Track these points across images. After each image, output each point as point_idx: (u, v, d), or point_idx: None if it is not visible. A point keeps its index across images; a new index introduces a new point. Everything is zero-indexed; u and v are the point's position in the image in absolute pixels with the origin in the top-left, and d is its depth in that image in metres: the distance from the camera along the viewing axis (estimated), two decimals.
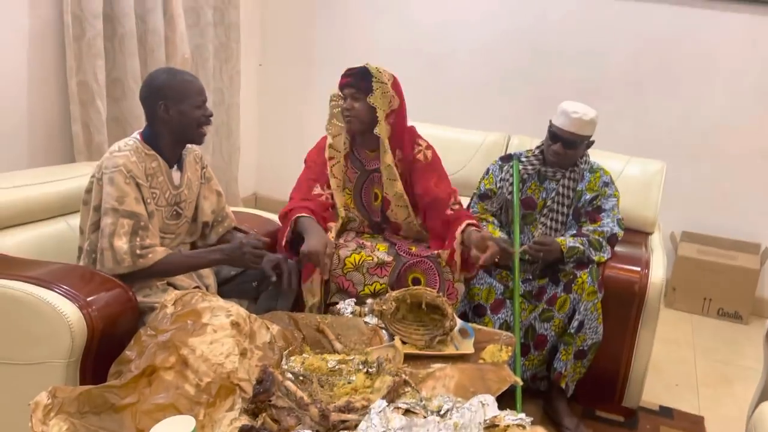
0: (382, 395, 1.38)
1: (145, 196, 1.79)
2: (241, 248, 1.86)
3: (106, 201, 1.73)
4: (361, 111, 2.15)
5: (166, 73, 1.85)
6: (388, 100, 2.16)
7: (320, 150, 2.30)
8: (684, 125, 3.46)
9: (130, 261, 1.72)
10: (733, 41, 3.30)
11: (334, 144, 2.27)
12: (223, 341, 1.45)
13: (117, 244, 1.71)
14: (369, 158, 2.28)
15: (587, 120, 2.25)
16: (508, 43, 3.67)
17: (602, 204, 2.37)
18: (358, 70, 2.17)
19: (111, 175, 1.73)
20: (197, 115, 1.85)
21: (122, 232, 1.71)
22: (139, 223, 1.75)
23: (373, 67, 2.17)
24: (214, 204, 2.10)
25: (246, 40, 3.75)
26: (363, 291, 2.09)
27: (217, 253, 1.90)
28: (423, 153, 2.28)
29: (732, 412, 2.50)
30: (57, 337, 1.54)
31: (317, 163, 2.28)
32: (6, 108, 2.38)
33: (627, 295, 2.24)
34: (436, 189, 2.24)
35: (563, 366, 2.23)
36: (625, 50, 3.47)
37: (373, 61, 2.23)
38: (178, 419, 1.22)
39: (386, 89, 2.15)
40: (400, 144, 2.23)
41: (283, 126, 4.33)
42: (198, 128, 1.87)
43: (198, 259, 1.90)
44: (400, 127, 2.22)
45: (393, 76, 2.21)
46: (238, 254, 1.87)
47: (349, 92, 2.17)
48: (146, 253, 1.75)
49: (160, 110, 1.80)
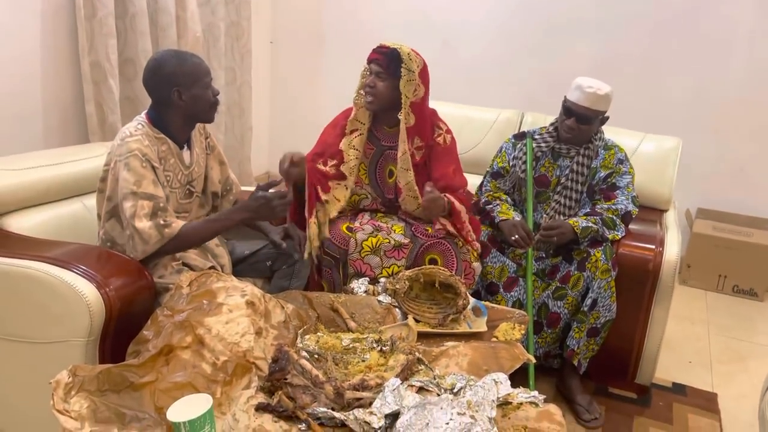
0: (395, 373, 1.39)
1: (160, 179, 1.79)
2: (268, 203, 1.82)
3: (124, 187, 1.72)
4: (383, 90, 2.13)
5: (174, 58, 1.80)
6: (413, 89, 2.12)
7: (335, 125, 2.29)
8: (700, 101, 3.41)
9: (157, 234, 1.72)
10: (750, 14, 3.23)
11: (358, 116, 2.25)
12: (239, 320, 1.47)
13: (140, 226, 1.70)
14: (387, 134, 2.26)
15: (602, 95, 2.22)
16: (521, 18, 3.62)
17: (617, 181, 2.35)
18: (389, 51, 2.11)
19: (126, 161, 1.73)
20: (208, 95, 1.84)
21: (143, 214, 1.71)
22: (158, 204, 1.74)
23: (405, 51, 2.11)
24: (219, 173, 2.10)
25: (257, 17, 3.73)
26: (380, 274, 2.09)
27: (243, 212, 1.86)
28: (443, 137, 2.26)
29: (745, 389, 2.50)
30: (76, 316, 1.56)
31: (327, 142, 2.27)
32: (20, 90, 2.39)
33: (641, 273, 2.23)
34: (453, 177, 2.24)
35: (576, 344, 2.23)
36: (640, 25, 3.41)
37: (383, 37, 2.20)
38: (196, 397, 1.24)
39: (413, 77, 2.10)
40: (421, 131, 2.21)
41: (295, 103, 4.32)
42: (210, 108, 1.87)
43: (224, 221, 1.86)
44: (422, 114, 2.20)
45: (423, 62, 2.15)
46: (267, 209, 1.83)
47: (375, 69, 2.13)
48: (170, 223, 1.75)
49: (174, 96, 1.79)
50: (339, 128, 2.28)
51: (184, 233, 1.77)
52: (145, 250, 1.73)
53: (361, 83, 2.21)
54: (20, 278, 1.63)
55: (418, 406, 1.27)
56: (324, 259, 2.14)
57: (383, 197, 2.30)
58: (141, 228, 1.70)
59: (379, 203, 2.32)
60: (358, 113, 2.24)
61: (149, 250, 1.73)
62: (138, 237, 1.71)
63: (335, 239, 2.12)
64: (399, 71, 2.09)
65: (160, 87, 1.80)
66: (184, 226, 1.78)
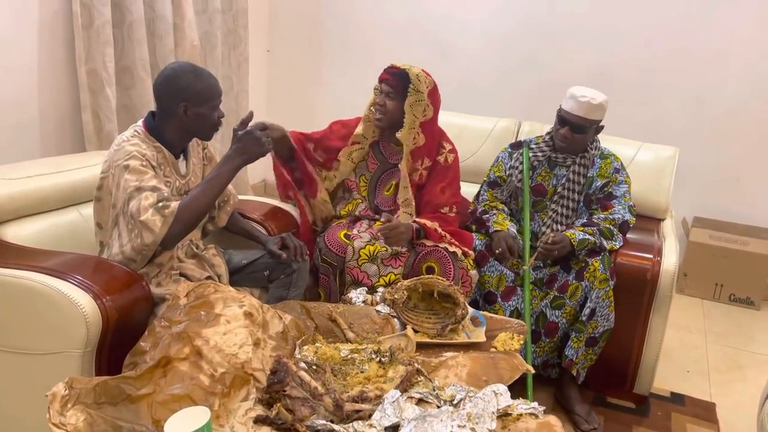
0: (395, 385, 1.39)
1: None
2: (252, 135, 1.79)
3: (127, 187, 1.69)
4: (392, 110, 2.16)
5: (192, 74, 1.78)
6: (422, 110, 2.15)
7: (346, 125, 2.34)
8: (697, 110, 3.42)
9: (160, 217, 1.67)
10: (747, 24, 3.25)
11: (365, 131, 2.28)
12: (237, 332, 1.46)
13: (143, 218, 1.66)
14: (393, 151, 2.29)
15: (595, 104, 2.23)
16: (519, 28, 3.63)
17: (613, 190, 2.36)
18: (399, 72, 2.14)
19: (126, 163, 1.70)
20: (213, 117, 1.83)
21: (147, 204, 1.67)
22: (162, 194, 1.70)
23: (414, 72, 2.12)
24: None
25: (254, 26, 3.73)
26: (378, 282, 2.09)
27: (234, 158, 1.80)
28: (445, 156, 2.28)
29: (743, 398, 2.49)
30: (72, 327, 1.55)
31: (329, 136, 2.32)
32: (17, 98, 2.38)
33: (639, 282, 2.23)
34: (439, 194, 2.26)
35: (574, 353, 2.23)
36: (637, 34, 3.43)
37: (381, 46, 2.22)
38: (194, 410, 1.23)
39: (421, 98, 2.12)
40: (430, 151, 2.23)
41: (292, 112, 4.32)
42: (212, 129, 1.86)
43: (219, 176, 1.80)
44: (431, 134, 2.21)
45: (434, 83, 2.17)
46: (253, 143, 1.80)
47: (385, 89, 2.17)
48: (168, 204, 1.70)
49: (180, 110, 1.77)
50: (348, 130, 2.30)
51: (184, 207, 1.72)
52: (154, 240, 1.68)
53: (371, 100, 2.25)
54: (16, 289, 1.62)
55: (418, 419, 1.26)
56: (321, 266, 2.14)
57: (374, 207, 2.31)
58: (145, 219, 1.66)
59: (370, 210, 2.33)
60: (366, 128, 2.26)
61: (158, 239, 1.68)
62: (144, 229, 1.67)
63: (332, 246, 2.12)
64: (407, 91, 2.11)
65: (169, 97, 1.78)
66: (180, 202, 1.74)
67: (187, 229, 1.77)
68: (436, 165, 2.26)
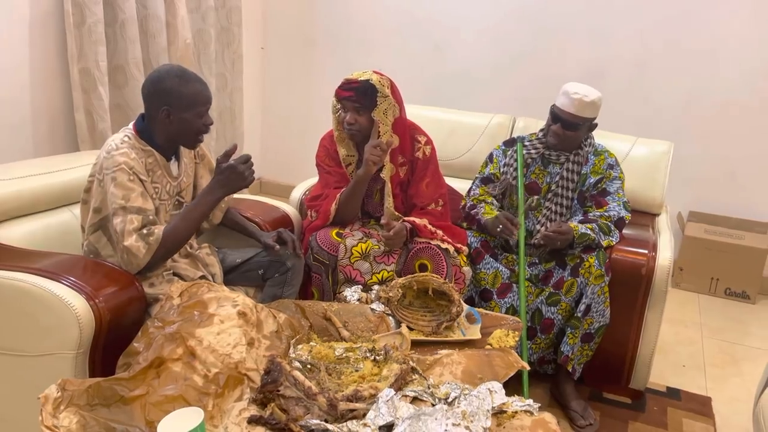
0: (389, 383, 1.38)
1: (149, 191, 1.77)
2: (234, 170, 1.80)
3: (113, 202, 1.70)
4: (365, 123, 2.12)
5: (177, 78, 1.76)
6: (393, 111, 2.12)
7: (327, 151, 2.29)
8: (691, 104, 3.42)
9: (144, 245, 1.69)
10: (740, 18, 3.25)
11: (347, 150, 2.24)
12: (230, 331, 1.46)
13: (128, 243, 1.68)
14: None
15: (588, 101, 2.22)
16: (513, 23, 3.62)
17: (607, 187, 2.35)
18: (359, 85, 2.08)
19: (113, 175, 1.70)
20: (198, 124, 1.81)
21: (131, 229, 1.69)
22: (147, 217, 1.72)
23: (376, 79, 2.08)
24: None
25: (247, 23, 3.72)
26: (371, 280, 2.08)
27: (215, 191, 1.83)
28: (422, 150, 2.26)
29: (739, 392, 2.50)
30: (65, 328, 1.54)
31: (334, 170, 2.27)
32: (10, 98, 2.37)
33: (634, 278, 2.23)
34: (425, 191, 2.24)
35: (570, 349, 2.23)
36: (631, 29, 3.42)
37: (376, 42, 2.20)
38: (187, 410, 1.23)
39: (390, 101, 2.10)
40: (403, 148, 2.21)
41: (287, 109, 4.31)
42: (196, 136, 1.84)
43: (201, 206, 1.82)
44: (403, 131, 2.20)
45: (390, 81, 2.14)
46: (236, 177, 1.81)
47: (350, 105, 2.11)
48: (152, 230, 1.72)
49: (161, 114, 1.76)
50: (337, 161, 2.27)
51: (167, 234, 1.75)
52: (138, 264, 1.70)
53: (335, 120, 2.21)
54: (8, 290, 1.61)
55: (413, 417, 1.26)
56: (313, 265, 2.13)
57: (367, 213, 2.32)
58: (129, 245, 1.68)
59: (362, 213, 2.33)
60: (346, 146, 2.23)
61: (142, 264, 1.71)
62: (128, 254, 1.69)
63: (324, 245, 2.11)
64: (375, 101, 2.09)
65: (152, 99, 1.77)
66: (164, 228, 1.75)
67: (170, 253, 1.80)
68: (416, 161, 2.25)
